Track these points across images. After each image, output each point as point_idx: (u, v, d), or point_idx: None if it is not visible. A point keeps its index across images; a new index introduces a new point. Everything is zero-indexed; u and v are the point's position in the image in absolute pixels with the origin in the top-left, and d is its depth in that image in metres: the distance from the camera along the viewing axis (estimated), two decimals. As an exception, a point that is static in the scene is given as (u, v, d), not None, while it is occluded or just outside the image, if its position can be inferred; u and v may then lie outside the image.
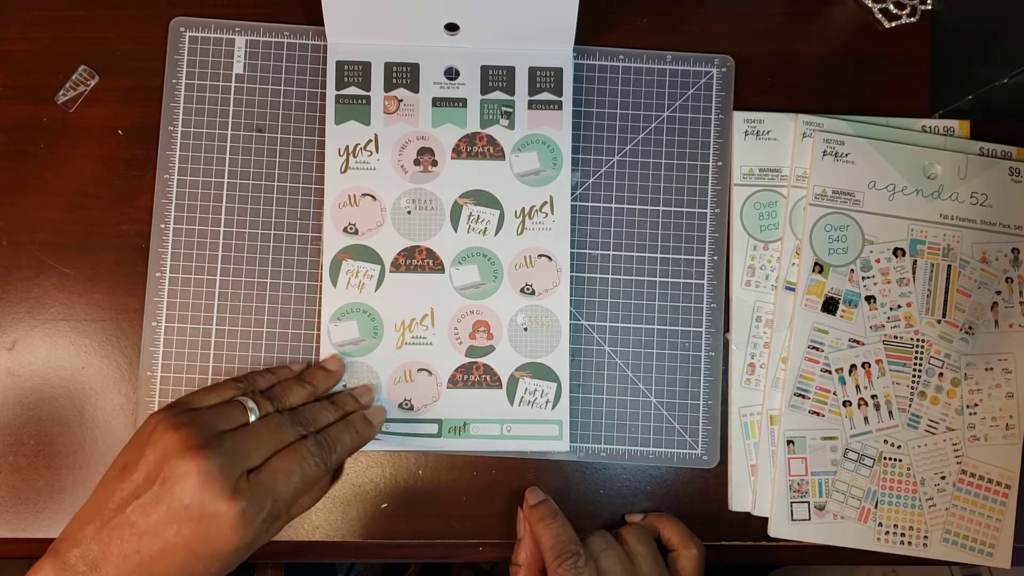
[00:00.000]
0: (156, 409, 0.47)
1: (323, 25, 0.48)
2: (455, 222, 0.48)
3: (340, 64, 0.49)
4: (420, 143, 0.49)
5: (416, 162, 0.48)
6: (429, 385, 0.48)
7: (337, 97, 0.48)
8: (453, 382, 0.48)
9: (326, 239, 0.48)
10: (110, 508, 0.38)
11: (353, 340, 0.48)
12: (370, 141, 0.48)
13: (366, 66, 0.49)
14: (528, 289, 0.48)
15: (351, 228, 0.48)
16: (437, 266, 0.48)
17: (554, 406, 0.48)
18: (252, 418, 0.41)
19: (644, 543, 0.45)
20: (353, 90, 0.49)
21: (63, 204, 0.48)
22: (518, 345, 0.48)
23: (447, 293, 0.48)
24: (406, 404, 0.47)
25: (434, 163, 0.48)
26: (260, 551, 0.47)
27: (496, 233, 0.48)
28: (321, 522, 0.48)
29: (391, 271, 0.48)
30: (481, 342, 0.48)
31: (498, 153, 0.49)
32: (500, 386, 0.48)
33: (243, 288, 0.48)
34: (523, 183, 0.48)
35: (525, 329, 0.48)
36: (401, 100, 0.49)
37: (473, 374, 0.48)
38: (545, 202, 0.48)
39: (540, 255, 0.48)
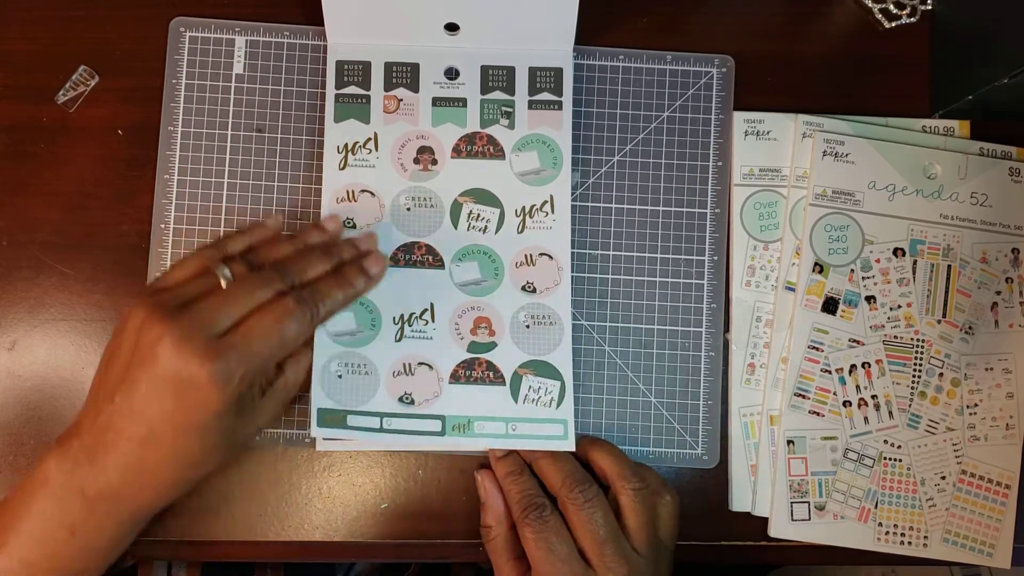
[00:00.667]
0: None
1: (323, 25, 0.48)
2: (455, 220, 0.48)
3: (340, 64, 0.49)
4: (420, 142, 0.49)
5: (416, 160, 0.48)
6: (430, 380, 0.47)
7: (337, 96, 0.48)
8: (455, 377, 0.47)
9: None
10: (102, 398, 0.39)
11: (350, 331, 0.47)
12: (369, 139, 0.48)
13: (366, 66, 0.49)
14: (529, 287, 0.48)
15: (348, 222, 0.48)
16: (437, 262, 0.48)
17: (558, 404, 0.47)
18: (224, 284, 0.40)
19: (644, 504, 0.43)
20: (353, 89, 0.49)
21: (63, 204, 0.48)
22: (520, 342, 0.48)
23: (447, 289, 0.48)
24: (407, 398, 0.47)
25: (434, 162, 0.48)
26: (260, 551, 0.47)
27: (496, 231, 0.48)
28: (321, 522, 0.48)
29: (390, 265, 0.48)
30: (483, 338, 0.48)
31: (498, 152, 0.49)
32: (503, 383, 0.47)
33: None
34: (523, 182, 0.48)
35: (527, 327, 0.48)
36: (401, 100, 0.49)
37: (475, 370, 0.47)
38: (545, 201, 0.48)
39: (541, 254, 0.48)
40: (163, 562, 0.62)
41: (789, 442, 0.48)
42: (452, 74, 0.49)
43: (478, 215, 0.48)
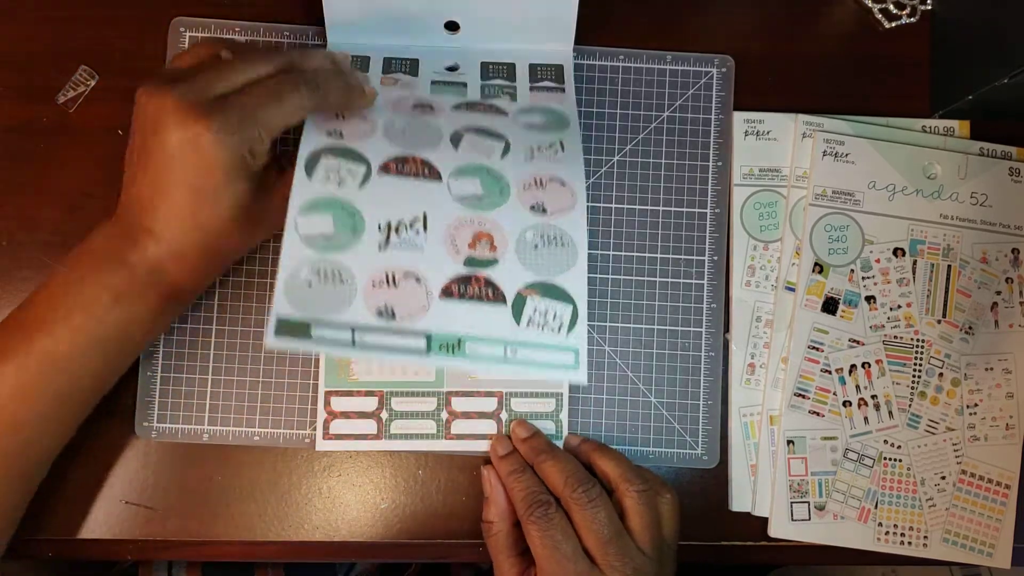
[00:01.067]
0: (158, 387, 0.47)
1: (323, 25, 0.48)
2: (455, 144, 0.43)
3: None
4: (417, 100, 0.46)
5: (414, 108, 0.45)
6: (417, 293, 0.40)
7: None
8: (447, 293, 0.41)
9: (303, 141, 0.42)
10: (128, 181, 0.41)
11: (326, 234, 0.40)
12: None
13: (364, 60, 0.49)
14: (539, 208, 0.43)
15: (335, 133, 0.42)
16: (434, 175, 0.42)
17: (569, 330, 0.42)
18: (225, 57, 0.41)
19: (647, 505, 0.44)
20: None
21: (63, 204, 0.48)
22: (527, 261, 0.42)
23: (444, 201, 0.42)
24: (386, 312, 0.40)
25: (431, 109, 0.45)
26: (260, 551, 0.47)
27: (502, 156, 0.43)
28: (321, 522, 0.48)
29: (379, 173, 0.42)
30: (482, 253, 0.41)
31: (502, 113, 0.46)
32: (504, 302, 0.41)
33: (243, 288, 0.48)
34: (530, 131, 0.46)
35: (535, 247, 0.42)
36: (398, 79, 0.47)
37: (472, 286, 0.41)
38: (554, 143, 0.45)
39: (552, 179, 0.43)
40: (163, 562, 0.62)
41: (789, 442, 0.48)
42: (452, 69, 0.49)
43: (481, 143, 0.44)
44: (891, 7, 0.52)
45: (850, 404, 0.49)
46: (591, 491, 0.43)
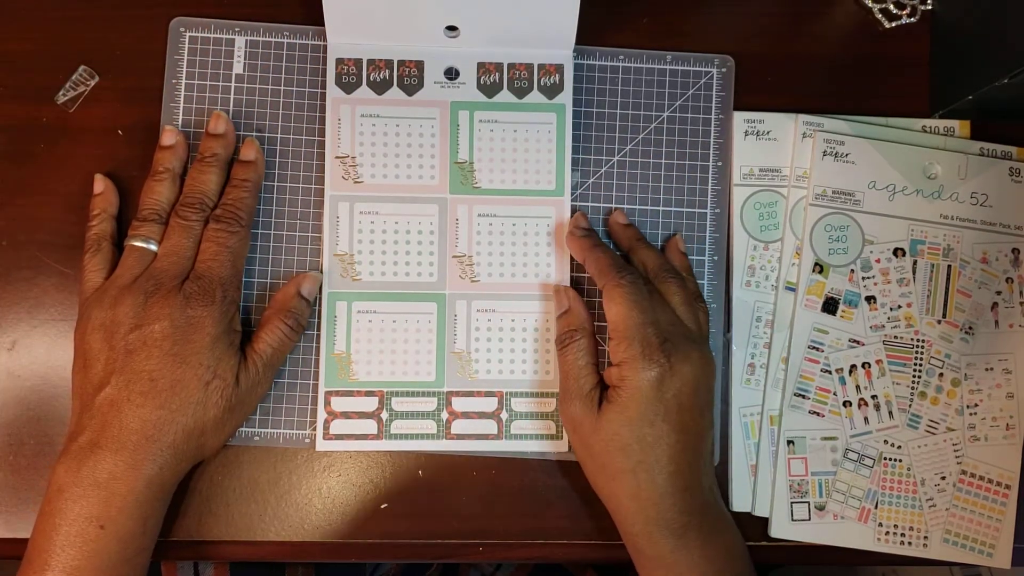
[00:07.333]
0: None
1: (323, 25, 0.48)
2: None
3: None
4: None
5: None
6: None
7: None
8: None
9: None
10: (88, 393, 0.42)
11: None
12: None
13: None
14: None
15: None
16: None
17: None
18: (154, 247, 0.44)
19: (683, 288, 0.46)
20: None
21: (63, 204, 0.48)
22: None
23: None
24: None
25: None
26: (260, 551, 0.48)
27: None
28: (321, 522, 0.48)
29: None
30: None
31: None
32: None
33: (243, 288, 0.48)
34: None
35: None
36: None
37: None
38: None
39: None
40: (189, 562, 0.62)
41: (789, 442, 0.48)
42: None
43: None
44: (891, 7, 0.52)
45: (850, 404, 0.49)
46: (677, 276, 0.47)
